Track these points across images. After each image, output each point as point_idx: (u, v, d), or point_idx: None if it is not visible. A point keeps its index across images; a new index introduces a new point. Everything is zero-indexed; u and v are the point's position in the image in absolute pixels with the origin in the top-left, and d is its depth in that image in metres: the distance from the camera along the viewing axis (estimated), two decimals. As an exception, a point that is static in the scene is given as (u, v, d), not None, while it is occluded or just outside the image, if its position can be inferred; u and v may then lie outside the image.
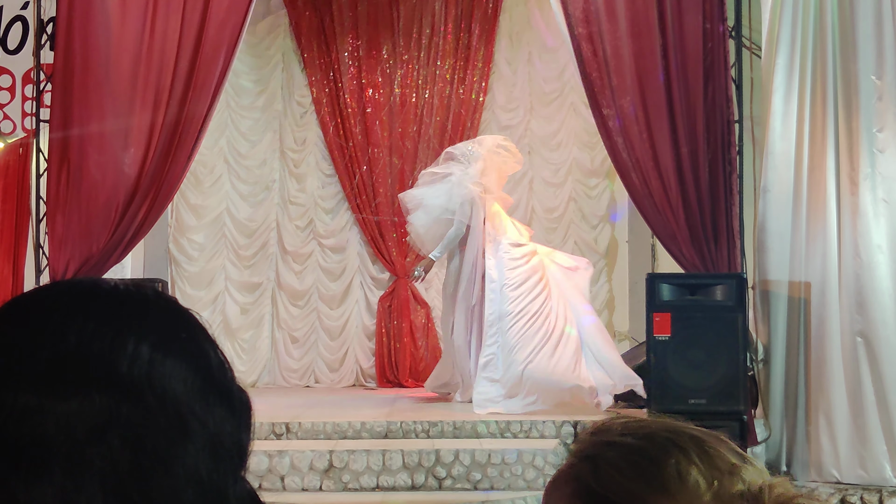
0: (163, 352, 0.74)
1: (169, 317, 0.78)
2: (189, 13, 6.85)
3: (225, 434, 0.77)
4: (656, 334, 6.34)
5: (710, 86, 6.63)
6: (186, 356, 0.76)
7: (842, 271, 6.40)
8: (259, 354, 9.50)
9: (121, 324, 0.74)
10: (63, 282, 0.80)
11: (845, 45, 6.47)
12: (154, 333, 0.75)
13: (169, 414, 0.72)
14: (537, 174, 9.63)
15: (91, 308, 0.75)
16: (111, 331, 0.73)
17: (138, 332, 0.74)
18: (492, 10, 9.51)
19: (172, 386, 0.73)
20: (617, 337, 9.57)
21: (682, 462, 0.96)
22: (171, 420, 0.72)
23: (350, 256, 9.57)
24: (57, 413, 0.69)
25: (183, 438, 0.72)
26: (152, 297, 0.79)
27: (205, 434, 0.74)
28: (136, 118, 6.78)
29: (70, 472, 0.68)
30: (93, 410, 0.70)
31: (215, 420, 0.76)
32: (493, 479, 6.08)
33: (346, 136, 9.44)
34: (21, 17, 8.62)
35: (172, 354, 0.75)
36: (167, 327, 0.77)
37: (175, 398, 0.73)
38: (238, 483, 0.78)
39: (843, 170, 6.46)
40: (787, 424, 6.54)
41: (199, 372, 0.76)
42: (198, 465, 0.73)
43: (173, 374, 0.74)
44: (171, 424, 0.72)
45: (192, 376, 0.75)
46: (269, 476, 6.06)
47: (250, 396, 0.82)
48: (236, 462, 0.78)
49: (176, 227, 9.49)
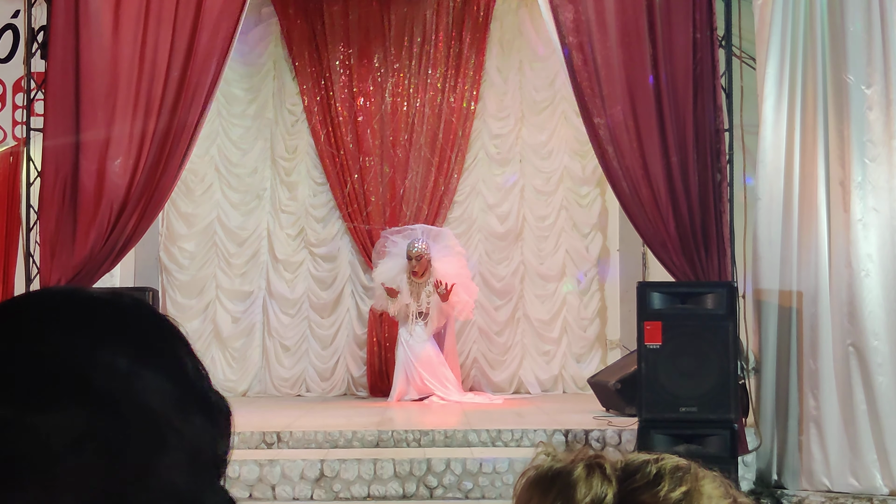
0: (140, 363, 0.73)
1: (146, 326, 0.78)
2: (181, 22, 6.85)
3: (203, 444, 0.76)
4: (647, 343, 6.34)
5: (699, 95, 6.65)
6: (163, 366, 0.75)
7: (833, 280, 6.42)
8: (250, 363, 9.48)
9: (97, 334, 0.73)
10: (39, 291, 0.79)
11: (835, 55, 6.50)
12: (131, 344, 0.74)
13: (145, 427, 0.71)
14: (528, 183, 9.64)
15: (67, 318, 0.74)
16: (87, 342, 0.72)
17: (115, 342, 0.73)
18: (483, 18, 9.53)
19: (149, 398, 0.72)
20: (608, 345, 9.59)
21: None
22: (148, 433, 0.71)
23: (341, 265, 9.56)
24: (32, 426, 0.68)
25: (160, 451, 0.72)
26: (130, 306, 0.78)
27: (182, 445, 0.73)
28: (128, 127, 6.77)
29: (45, 486, 0.67)
30: (69, 423, 0.69)
31: (193, 430, 0.75)
32: (484, 488, 6.07)
33: (338, 145, 9.44)
34: (11, 26, 8.61)
35: (149, 365, 0.74)
36: (144, 337, 0.76)
37: (152, 410, 0.72)
38: (215, 493, 0.77)
39: (835, 178, 6.47)
40: (778, 433, 6.54)
41: (177, 382, 0.75)
42: (174, 478, 0.72)
43: (150, 386, 0.73)
44: (148, 437, 0.71)
45: (170, 387, 0.74)
46: (260, 485, 6.05)
47: (229, 404, 0.82)
48: (214, 471, 0.77)
49: (167, 235, 9.47)
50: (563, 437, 6.57)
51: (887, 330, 6.37)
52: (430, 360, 8.60)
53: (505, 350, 9.56)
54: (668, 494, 0.92)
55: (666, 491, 0.92)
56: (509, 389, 9.47)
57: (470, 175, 9.64)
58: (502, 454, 6.30)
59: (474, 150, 9.66)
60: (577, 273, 9.61)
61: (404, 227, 9.06)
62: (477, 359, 9.53)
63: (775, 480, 6.51)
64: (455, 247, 8.97)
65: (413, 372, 8.53)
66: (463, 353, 9.40)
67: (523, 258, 9.62)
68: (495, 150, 9.67)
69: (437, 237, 8.93)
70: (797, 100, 6.55)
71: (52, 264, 6.64)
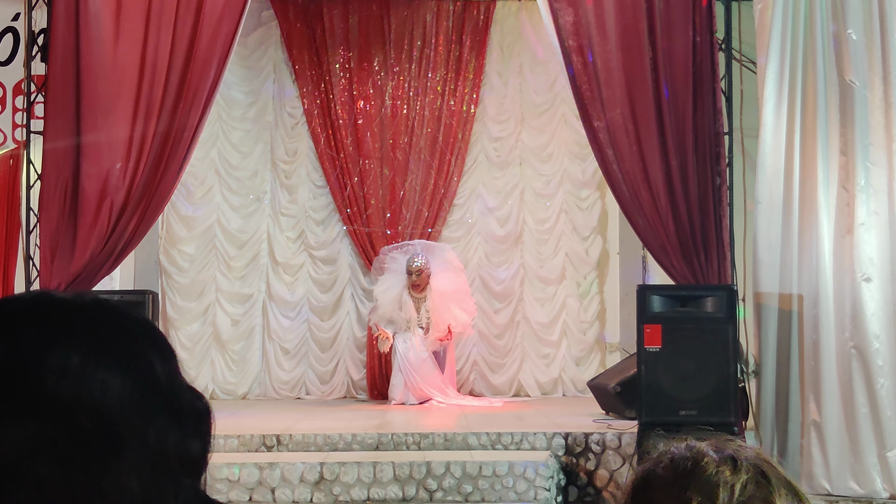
0: (94, 363, 0.71)
1: (104, 325, 0.76)
2: (181, 25, 6.85)
3: (168, 444, 0.74)
4: (647, 346, 6.34)
5: (699, 98, 6.65)
6: (122, 366, 0.73)
7: (835, 283, 6.42)
8: (250, 366, 9.48)
9: (51, 336, 0.72)
10: (11, 297, 0.77)
11: (835, 58, 6.50)
12: (84, 344, 0.72)
13: (101, 431, 0.70)
14: (528, 186, 9.65)
15: (17, 322, 0.72)
16: (41, 343, 0.70)
17: (67, 343, 0.71)
18: (483, 22, 9.54)
19: (105, 399, 0.71)
20: (608, 348, 9.59)
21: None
22: (104, 437, 0.70)
23: (341, 268, 9.56)
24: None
25: (115, 455, 0.70)
26: (89, 306, 0.76)
27: (142, 447, 0.72)
28: (128, 129, 6.78)
29: (1, 498, 0.66)
30: (20, 436, 0.67)
31: (156, 431, 0.73)
32: (483, 491, 6.07)
33: (338, 148, 9.45)
34: (12, 29, 8.61)
35: (105, 365, 0.72)
36: (100, 337, 0.74)
37: (108, 412, 0.70)
38: (182, 492, 0.75)
39: (837, 181, 6.47)
40: (778, 436, 6.54)
41: (138, 382, 0.73)
42: (132, 481, 0.70)
43: (106, 387, 0.71)
44: (103, 442, 0.70)
45: (130, 387, 0.72)
46: (260, 488, 6.05)
47: (208, 404, 0.80)
48: (182, 471, 0.75)
49: (167, 238, 9.47)
50: (562, 440, 6.56)
51: (888, 333, 6.37)
52: (426, 367, 8.61)
53: (505, 353, 9.56)
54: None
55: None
56: (509, 392, 9.47)
57: (470, 178, 9.65)
58: (502, 457, 6.30)
59: (474, 153, 9.67)
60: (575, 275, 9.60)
61: (403, 244, 9.09)
62: (477, 362, 9.53)
63: (775, 484, 6.49)
64: (453, 261, 8.98)
65: (411, 378, 8.55)
66: (462, 356, 9.40)
67: (523, 261, 9.62)
68: (495, 154, 9.67)
69: (435, 252, 8.95)
70: (797, 103, 6.55)
71: (51, 267, 6.64)
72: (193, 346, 9.38)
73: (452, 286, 8.79)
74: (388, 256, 8.94)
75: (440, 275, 8.80)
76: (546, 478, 6.13)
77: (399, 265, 8.83)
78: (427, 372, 8.62)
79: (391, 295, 8.74)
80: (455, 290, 8.79)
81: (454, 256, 9.08)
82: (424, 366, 8.62)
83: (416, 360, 8.59)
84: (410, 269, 8.72)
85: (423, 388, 8.53)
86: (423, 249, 8.93)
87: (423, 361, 8.62)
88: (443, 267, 8.86)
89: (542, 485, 6.11)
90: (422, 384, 8.54)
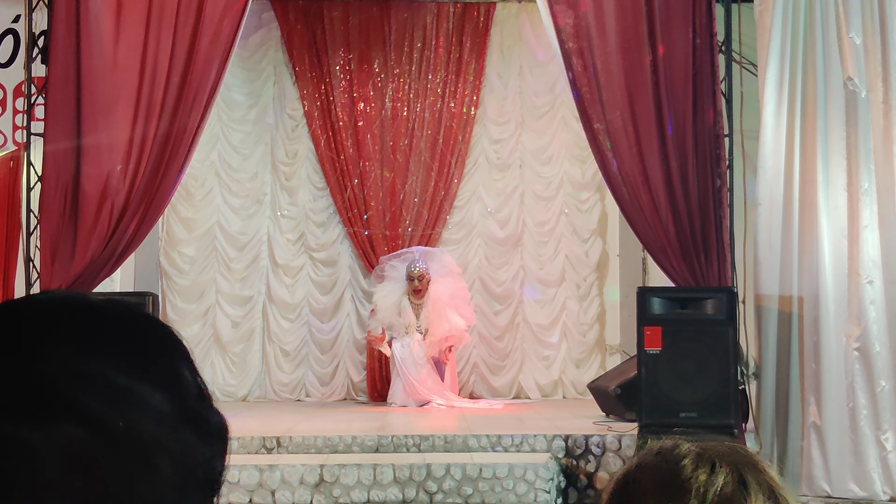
0: (138, 380, 0.71)
1: (147, 339, 0.76)
2: (181, 26, 6.86)
3: (196, 464, 0.74)
4: (647, 348, 6.34)
5: (699, 100, 6.66)
6: (162, 383, 0.73)
7: (836, 285, 6.42)
8: (250, 368, 9.48)
9: (95, 347, 0.71)
10: (36, 297, 0.76)
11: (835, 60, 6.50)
12: (131, 358, 0.72)
13: (136, 446, 0.69)
14: (528, 188, 9.65)
15: (67, 329, 0.72)
16: (87, 356, 0.70)
17: (115, 357, 0.71)
18: (483, 23, 9.54)
19: (144, 418, 0.70)
20: (608, 350, 9.59)
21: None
22: (138, 455, 0.70)
23: (341, 270, 9.56)
24: (25, 443, 0.66)
25: (149, 473, 0.70)
26: (133, 316, 0.76)
27: (173, 466, 0.71)
28: (128, 131, 6.78)
29: (32, 502, 0.66)
30: (61, 442, 0.67)
31: (186, 450, 0.72)
32: (484, 493, 6.07)
33: (338, 150, 9.45)
34: (12, 31, 8.61)
35: (148, 382, 0.72)
36: (145, 351, 0.74)
37: (146, 431, 0.70)
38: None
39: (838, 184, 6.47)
40: (778, 438, 6.54)
41: (174, 400, 0.73)
42: (161, 500, 0.70)
43: (147, 405, 0.71)
44: (137, 457, 0.69)
45: (167, 405, 0.72)
46: (260, 490, 6.04)
47: (227, 423, 0.79)
48: (206, 491, 0.75)
49: (167, 240, 9.48)
50: (563, 442, 6.56)
51: (890, 335, 6.37)
52: (425, 372, 8.62)
53: (505, 355, 9.56)
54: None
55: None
56: (509, 394, 9.47)
57: (470, 180, 9.65)
58: (502, 459, 6.30)
59: (474, 155, 9.67)
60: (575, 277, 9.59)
61: (401, 252, 9.10)
62: (477, 364, 9.53)
63: (775, 486, 6.49)
64: (452, 266, 8.99)
65: (410, 383, 8.55)
66: (462, 358, 9.40)
67: (523, 263, 9.63)
68: (495, 156, 9.68)
69: (433, 257, 8.97)
70: (797, 105, 6.55)
71: (52, 269, 6.64)
72: (193, 348, 8.97)
73: (450, 292, 8.79)
74: (388, 265, 8.95)
75: (439, 280, 8.81)
76: (546, 480, 6.13)
77: (398, 273, 8.84)
78: (426, 376, 8.63)
79: (390, 300, 8.75)
80: (452, 295, 8.79)
81: (452, 260, 9.08)
82: (423, 371, 8.62)
83: (415, 365, 8.59)
84: (412, 275, 8.72)
85: (422, 393, 8.53)
86: (422, 256, 8.95)
87: (422, 366, 8.62)
88: (441, 272, 8.87)
89: (542, 487, 6.11)
90: (421, 388, 8.55)
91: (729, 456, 1.09)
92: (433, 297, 8.70)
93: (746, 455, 1.10)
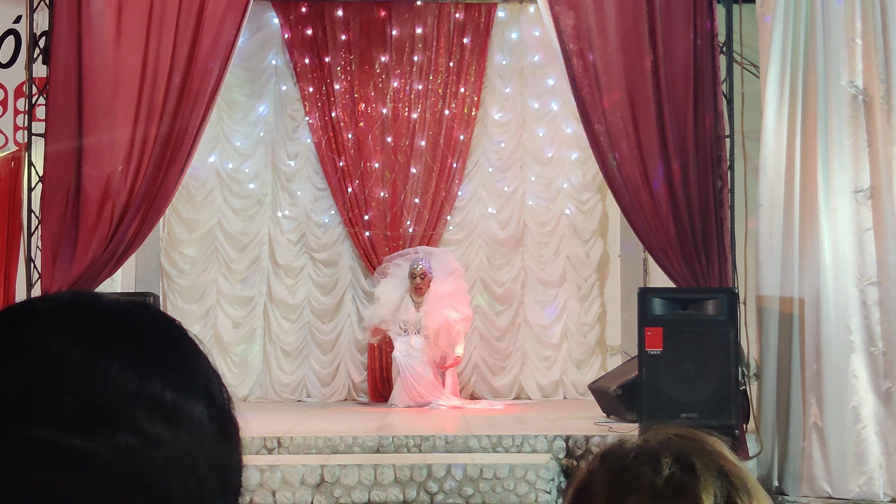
0: (183, 395, 0.72)
1: (187, 352, 0.76)
2: (182, 27, 6.86)
3: (230, 470, 0.75)
4: (648, 348, 6.35)
5: (700, 101, 6.65)
6: (201, 395, 0.74)
7: (838, 287, 6.42)
8: (251, 368, 9.48)
9: (146, 364, 0.71)
10: (80, 300, 0.75)
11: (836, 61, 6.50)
12: (175, 372, 0.72)
13: (185, 462, 0.70)
14: (529, 189, 9.65)
15: (117, 341, 0.71)
16: (136, 371, 0.70)
17: (162, 373, 0.71)
18: (484, 25, 9.54)
19: (188, 430, 0.71)
20: (609, 351, 9.59)
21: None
22: (187, 469, 0.70)
23: (342, 270, 9.56)
24: (80, 452, 0.66)
25: (197, 486, 0.70)
26: (174, 331, 0.76)
27: (213, 474, 0.72)
28: (129, 132, 6.78)
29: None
30: (117, 453, 0.66)
31: (221, 457, 0.74)
32: (484, 493, 6.07)
33: (339, 150, 9.45)
34: (13, 31, 8.62)
35: (191, 397, 0.72)
36: (187, 366, 0.75)
37: (190, 442, 0.71)
38: None
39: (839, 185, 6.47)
40: (779, 439, 6.54)
41: (210, 411, 0.74)
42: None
43: (191, 418, 0.71)
44: (184, 471, 0.70)
45: (206, 417, 0.73)
46: (261, 491, 6.04)
47: (238, 421, 0.80)
48: (238, 494, 0.76)
49: (168, 240, 9.48)
50: (563, 442, 6.56)
51: (891, 336, 6.37)
52: (427, 373, 8.63)
53: (506, 356, 9.56)
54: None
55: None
56: (510, 395, 9.47)
57: (471, 181, 9.66)
58: (503, 460, 6.30)
59: (475, 156, 9.68)
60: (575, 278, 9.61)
61: (404, 251, 9.11)
62: (478, 364, 9.53)
63: (776, 486, 6.50)
64: (454, 265, 9.01)
65: (411, 385, 8.56)
66: (463, 359, 9.39)
67: (524, 264, 9.63)
68: (496, 156, 9.68)
69: (436, 257, 9.00)
70: (798, 106, 6.56)
71: (53, 269, 6.64)
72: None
73: (450, 290, 8.81)
74: (392, 264, 8.97)
75: (441, 281, 8.82)
76: (547, 480, 6.13)
77: (402, 271, 8.86)
78: (427, 378, 8.63)
79: (393, 296, 8.77)
80: (451, 294, 8.81)
81: (453, 259, 9.11)
82: (425, 372, 8.62)
83: (416, 367, 8.59)
84: (414, 273, 8.74)
85: (423, 395, 8.54)
86: (426, 255, 8.97)
87: (423, 367, 8.62)
88: (443, 272, 8.88)
89: (542, 487, 6.11)
90: (422, 390, 8.55)
91: (674, 443, 1.05)
92: (434, 294, 8.72)
93: (694, 439, 1.06)
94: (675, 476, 1.02)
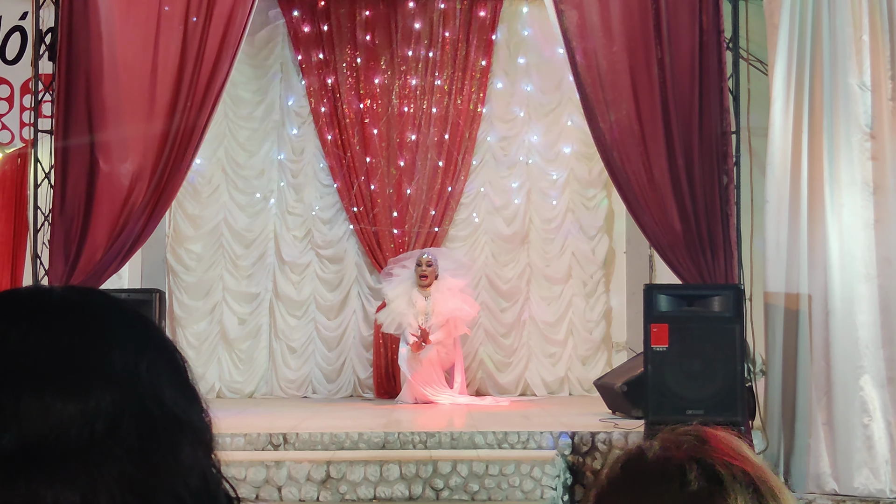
0: (148, 359, 0.78)
1: (140, 323, 0.83)
2: (189, 24, 6.87)
3: (204, 430, 0.81)
4: (654, 345, 6.34)
5: (706, 97, 6.64)
6: (165, 361, 0.80)
7: (845, 283, 6.40)
8: (257, 365, 9.49)
9: (108, 332, 0.78)
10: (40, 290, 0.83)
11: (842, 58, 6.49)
12: (135, 341, 0.79)
13: (165, 413, 0.76)
14: (535, 185, 9.65)
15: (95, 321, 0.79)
16: (102, 340, 0.77)
17: (125, 339, 0.79)
18: (489, 21, 9.54)
19: (162, 389, 0.77)
20: (614, 347, 9.58)
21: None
22: (168, 418, 0.76)
23: (348, 267, 9.57)
24: (66, 412, 0.72)
25: (179, 434, 0.76)
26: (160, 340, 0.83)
27: (193, 431, 0.78)
28: (135, 128, 6.79)
29: (84, 470, 0.71)
30: (105, 408, 0.73)
31: (196, 418, 0.80)
32: (490, 490, 6.07)
33: (344, 147, 9.45)
34: (19, 28, 8.63)
35: (158, 362, 0.79)
36: (146, 336, 0.81)
37: (166, 399, 0.77)
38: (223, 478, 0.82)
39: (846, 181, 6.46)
40: (785, 436, 6.53)
41: (176, 375, 0.81)
42: (197, 459, 0.77)
43: (161, 379, 0.78)
44: (169, 423, 0.76)
45: (175, 378, 0.80)
46: (267, 487, 6.05)
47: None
48: (214, 454, 0.82)
49: (174, 237, 9.49)
50: (569, 439, 6.56)
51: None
52: (433, 369, 8.64)
53: (511, 352, 9.56)
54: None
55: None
56: (515, 391, 9.47)
57: (476, 177, 9.65)
58: (509, 456, 6.30)
59: (481, 153, 9.67)
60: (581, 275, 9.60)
61: (410, 253, 9.13)
62: (483, 361, 9.54)
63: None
64: (461, 260, 9.06)
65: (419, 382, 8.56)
66: (469, 355, 9.40)
67: (529, 260, 9.63)
68: (502, 153, 9.68)
69: (443, 254, 9.03)
70: (804, 102, 6.54)
71: (60, 265, 6.65)
72: (200, 345, 9.40)
73: (459, 286, 8.85)
74: (398, 266, 9.00)
75: (448, 279, 8.85)
76: (552, 477, 6.13)
77: (408, 271, 8.89)
78: (434, 376, 8.64)
79: (400, 290, 8.80)
80: (460, 289, 8.85)
81: (460, 255, 9.15)
82: (430, 367, 8.63)
83: (424, 365, 8.59)
84: (420, 261, 8.78)
85: (429, 398, 8.54)
86: (432, 253, 9.02)
87: (431, 365, 8.63)
88: (450, 271, 8.91)
89: (548, 484, 6.11)
90: (429, 393, 8.55)
91: (695, 451, 1.03)
92: (440, 285, 8.75)
93: (715, 445, 1.04)
94: (703, 491, 1.01)
